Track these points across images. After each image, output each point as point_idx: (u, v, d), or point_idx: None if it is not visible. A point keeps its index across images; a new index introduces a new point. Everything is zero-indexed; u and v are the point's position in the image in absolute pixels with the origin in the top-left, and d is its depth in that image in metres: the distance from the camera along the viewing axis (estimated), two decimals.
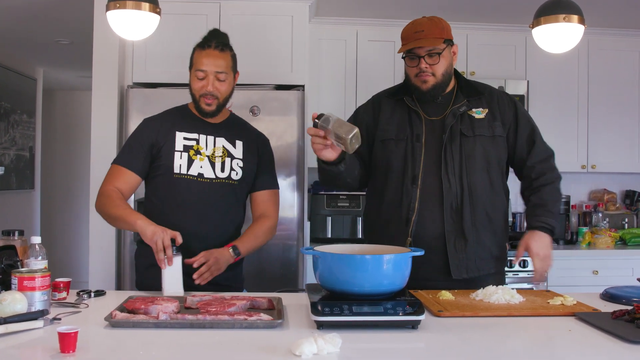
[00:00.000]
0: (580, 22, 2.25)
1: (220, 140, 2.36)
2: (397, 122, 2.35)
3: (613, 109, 4.43)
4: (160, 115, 2.43)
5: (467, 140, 2.27)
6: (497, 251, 2.31)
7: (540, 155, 2.33)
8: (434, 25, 2.26)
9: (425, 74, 2.25)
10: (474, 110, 2.30)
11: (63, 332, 1.37)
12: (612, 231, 4.33)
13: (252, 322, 1.61)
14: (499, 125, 2.30)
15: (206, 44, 2.30)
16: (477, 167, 2.27)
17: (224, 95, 2.33)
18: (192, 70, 2.32)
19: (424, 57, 2.25)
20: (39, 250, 1.91)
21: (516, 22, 4.22)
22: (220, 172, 2.32)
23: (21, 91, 6.08)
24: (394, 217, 2.29)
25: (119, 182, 2.28)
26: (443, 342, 1.58)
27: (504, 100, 2.35)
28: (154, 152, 2.30)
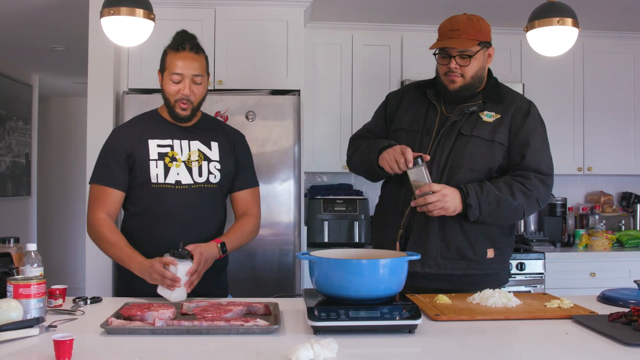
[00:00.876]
0: (574, 25, 2.25)
1: (195, 144, 2.30)
2: (413, 113, 2.32)
3: (608, 111, 4.44)
4: (129, 123, 2.37)
5: (462, 138, 2.22)
6: (471, 254, 2.21)
7: (527, 169, 2.19)
8: (471, 26, 2.18)
9: (454, 74, 2.21)
10: (486, 112, 2.24)
11: (58, 339, 1.36)
12: (609, 233, 4.34)
13: (249, 327, 1.61)
14: (504, 132, 2.22)
15: (180, 46, 2.21)
16: (462, 167, 2.19)
17: (199, 98, 2.27)
18: (164, 74, 2.24)
19: (455, 57, 2.19)
20: (35, 257, 1.90)
21: (511, 25, 4.22)
22: (198, 177, 2.27)
23: (17, 98, 6.07)
24: (391, 208, 2.30)
25: (106, 207, 2.22)
26: (440, 346, 1.58)
27: (522, 110, 2.26)
28: (130, 163, 2.24)
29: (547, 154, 2.25)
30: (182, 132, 2.30)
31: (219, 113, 3.45)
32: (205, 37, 3.64)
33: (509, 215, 2.20)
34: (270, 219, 3.52)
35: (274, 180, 3.52)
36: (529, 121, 2.24)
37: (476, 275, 2.23)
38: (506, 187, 2.15)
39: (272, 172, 3.52)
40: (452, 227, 2.20)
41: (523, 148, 2.20)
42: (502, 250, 2.28)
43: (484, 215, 2.14)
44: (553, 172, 2.25)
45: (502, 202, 2.13)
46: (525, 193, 2.15)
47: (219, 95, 3.54)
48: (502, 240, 2.28)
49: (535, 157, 2.19)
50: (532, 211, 2.24)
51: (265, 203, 3.51)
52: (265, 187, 3.52)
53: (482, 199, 2.11)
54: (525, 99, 2.33)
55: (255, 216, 2.40)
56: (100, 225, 2.18)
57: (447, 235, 2.20)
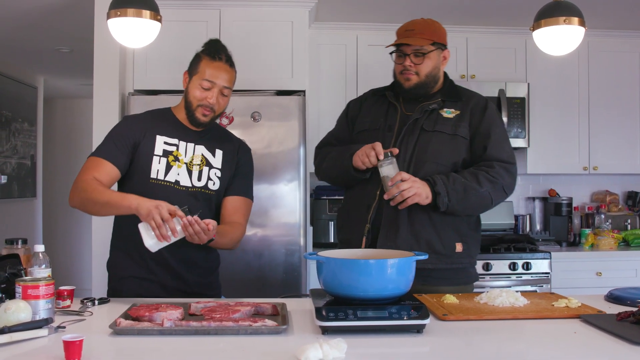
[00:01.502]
0: (580, 24, 2.25)
1: (200, 148, 2.30)
2: (374, 114, 2.41)
3: (614, 110, 4.43)
4: (143, 115, 2.36)
5: (425, 134, 2.29)
6: (440, 248, 2.25)
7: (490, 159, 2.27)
8: (426, 26, 2.30)
9: (409, 72, 2.30)
10: (445, 109, 2.33)
11: (68, 340, 1.36)
12: (614, 232, 4.33)
13: (257, 328, 1.61)
14: (465, 126, 2.30)
15: (217, 55, 2.24)
16: (427, 162, 2.25)
17: (221, 110, 2.29)
18: (194, 77, 2.24)
19: (410, 55, 2.29)
20: (43, 258, 1.90)
21: (516, 24, 4.23)
22: (197, 181, 2.26)
23: (22, 99, 6.08)
24: (359, 204, 2.34)
25: (98, 173, 2.14)
26: (448, 346, 1.58)
27: (480, 105, 2.34)
28: (134, 151, 2.22)
29: (507, 144, 2.33)
30: (190, 134, 2.30)
31: (225, 114, 3.45)
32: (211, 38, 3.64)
33: (478, 203, 2.26)
34: (276, 219, 3.52)
35: (280, 180, 3.53)
36: (488, 115, 2.32)
37: (446, 269, 2.27)
38: (471, 175, 2.22)
39: (278, 173, 3.52)
40: (421, 220, 2.24)
41: (484, 140, 2.28)
42: (470, 245, 2.33)
43: (453, 202, 2.19)
44: (515, 161, 2.32)
45: (468, 189, 2.20)
46: (491, 180, 2.22)
47: None
48: (470, 235, 2.34)
49: (497, 148, 2.28)
50: (500, 199, 2.29)
51: (271, 204, 3.52)
52: (270, 188, 3.53)
53: (449, 186, 2.17)
54: (482, 96, 2.42)
55: (243, 227, 2.34)
56: (90, 180, 2.11)
57: (416, 229, 2.25)
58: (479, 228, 2.41)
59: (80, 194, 2.11)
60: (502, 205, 4.54)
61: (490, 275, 3.86)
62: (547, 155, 4.37)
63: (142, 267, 2.23)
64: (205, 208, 2.27)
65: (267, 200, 3.51)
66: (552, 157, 4.37)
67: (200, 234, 1.99)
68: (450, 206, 2.19)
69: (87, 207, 2.12)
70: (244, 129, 3.49)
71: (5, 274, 1.79)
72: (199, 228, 1.97)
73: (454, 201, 2.18)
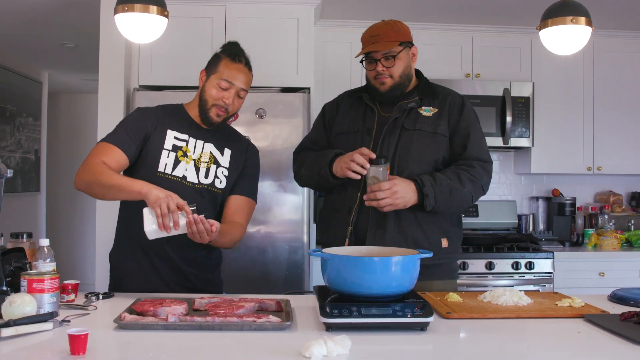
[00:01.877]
0: (587, 23, 2.25)
1: (209, 146, 2.31)
2: (352, 117, 2.42)
3: (619, 110, 4.42)
4: (155, 108, 2.36)
5: (406, 133, 2.31)
6: (426, 244, 2.27)
7: (469, 158, 2.31)
8: (389, 29, 2.31)
9: (382, 76, 2.32)
10: (424, 108, 2.35)
11: (73, 334, 1.37)
12: (618, 233, 4.32)
13: (261, 324, 1.61)
14: (444, 124, 2.33)
15: (237, 57, 2.26)
16: (410, 160, 2.28)
17: (234, 111, 2.31)
18: (212, 76, 2.25)
19: (380, 60, 2.31)
20: (48, 252, 1.91)
21: (521, 24, 4.23)
22: (203, 178, 2.27)
23: (26, 94, 6.09)
24: (340, 206, 2.35)
25: (107, 158, 2.14)
26: (452, 344, 1.58)
27: (456, 102, 2.38)
28: (144, 142, 2.23)
29: (485, 142, 2.38)
30: (201, 132, 2.32)
31: None
32: (216, 34, 3.65)
33: (460, 203, 2.31)
34: (280, 216, 3.53)
35: (284, 177, 3.53)
36: (465, 113, 2.36)
37: (432, 265, 2.27)
38: (454, 175, 2.25)
39: (282, 170, 3.52)
40: (407, 218, 2.27)
41: (464, 139, 2.32)
42: (454, 240, 2.38)
43: (439, 204, 2.22)
44: (491, 160, 2.37)
45: (453, 190, 2.24)
46: (472, 180, 2.26)
47: None
48: (453, 231, 2.38)
49: (476, 147, 2.32)
50: (478, 197, 2.34)
51: (275, 200, 3.52)
52: (275, 185, 3.53)
53: (436, 188, 2.21)
54: (458, 93, 2.44)
55: (244, 228, 2.34)
56: (98, 164, 2.10)
57: (403, 227, 2.27)
58: (460, 224, 2.47)
59: (88, 175, 2.09)
60: (505, 205, 4.55)
61: (493, 275, 3.86)
62: (551, 155, 4.37)
63: (145, 262, 2.24)
64: (210, 206, 2.28)
65: (271, 197, 3.51)
66: (556, 157, 4.37)
67: (202, 234, 2.00)
68: (436, 207, 2.23)
69: (94, 190, 2.09)
70: (249, 126, 3.49)
71: (10, 267, 1.80)
72: (202, 228, 1.98)
73: (440, 202, 2.22)
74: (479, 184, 2.29)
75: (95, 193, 2.11)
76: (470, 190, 2.26)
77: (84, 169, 2.12)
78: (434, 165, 2.31)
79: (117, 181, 2.04)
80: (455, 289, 2.39)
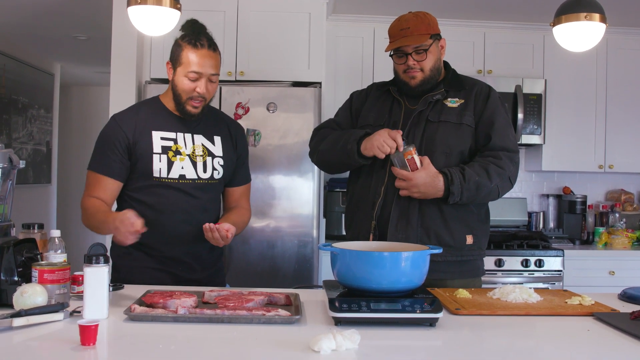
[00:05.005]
0: (601, 20, 2.22)
1: (199, 138, 2.27)
2: (378, 109, 2.39)
3: (631, 108, 4.39)
4: (131, 111, 2.29)
5: (431, 125, 2.28)
6: (450, 240, 2.24)
7: (495, 148, 2.27)
8: (419, 22, 2.27)
9: (413, 70, 2.28)
10: (449, 99, 2.31)
11: (84, 324, 1.38)
12: (629, 232, 4.30)
13: (270, 317, 1.61)
14: (470, 115, 2.29)
15: (198, 42, 2.15)
16: (436, 152, 2.25)
17: (211, 96, 2.24)
18: (178, 69, 2.17)
19: (411, 54, 2.27)
20: (59, 243, 1.92)
21: (534, 20, 4.20)
22: (202, 173, 2.25)
23: (39, 86, 6.13)
24: (363, 200, 2.33)
25: (99, 192, 2.19)
26: (461, 340, 1.58)
27: (483, 93, 2.33)
28: (130, 153, 2.19)
29: (511, 132, 2.33)
30: (186, 125, 2.27)
31: (240, 104, 3.46)
32: (228, 27, 3.65)
33: (485, 197, 2.27)
34: (290, 210, 3.53)
35: (295, 172, 3.53)
36: (490, 102, 2.31)
37: (455, 262, 2.27)
38: (482, 170, 2.21)
39: (293, 164, 3.52)
40: (432, 213, 2.24)
41: (488, 128, 2.27)
42: (480, 237, 2.33)
43: (462, 200, 2.20)
44: (518, 149, 2.32)
45: (480, 186, 2.20)
46: (500, 173, 2.22)
47: (240, 86, 3.55)
48: (479, 227, 2.34)
49: (501, 136, 2.27)
50: (506, 190, 2.30)
51: (286, 194, 3.53)
52: (285, 179, 3.53)
53: (464, 186, 2.17)
54: (485, 83, 2.40)
55: (249, 210, 2.45)
56: (89, 204, 2.18)
57: (426, 222, 2.25)
58: (488, 219, 2.41)
59: (83, 215, 2.22)
60: (515, 202, 4.53)
61: (502, 272, 3.85)
62: (562, 152, 4.35)
63: (152, 258, 2.25)
64: (213, 199, 2.31)
65: (281, 192, 3.52)
66: (567, 155, 4.35)
67: (218, 240, 2.09)
68: (460, 202, 2.21)
69: (94, 231, 2.20)
70: (259, 120, 3.49)
71: (22, 257, 1.81)
72: (217, 235, 2.07)
73: (464, 199, 2.20)
74: (506, 176, 2.25)
75: (93, 231, 2.21)
76: (497, 184, 2.23)
77: (82, 211, 2.23)
78: (460, 156, 2.27)
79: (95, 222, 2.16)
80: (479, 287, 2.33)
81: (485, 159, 2.24)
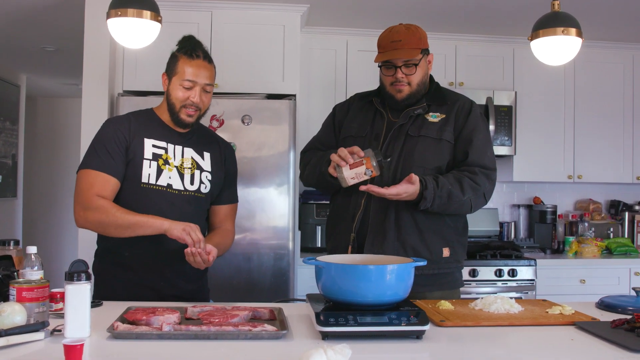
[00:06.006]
0: (578, 35, 2.28)
1: (189, 151, 2.28)
2: (361, 120, 2.37)
3: (599, 120, 4.50)
4: (126, 117, 2.28)
5: (410, 139, 2.28)
6: (426, 254, 2.24)
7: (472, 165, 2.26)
8: (411, 35, 2.26)
9: (401, 83, 2.27)
10: (431, 114, 2.31)
11: (68, 344, 1.34)
12: (598, 240, 4.38)
13: (257, 332, 1.60)
14: (450, 130, 2.29)
15: (194, 53, 2.20)
16: (413, 167, 2.23)
17: (206, 107, 2.26)
18: (174, 78, 2.21)
19: (401, 68, 2.26)
20: (35, 260, 1.87)
21: (505, 33, 4.27)
22: (189, 185, 2.25)
23: (4, 98, 6.00)
24: (344, 213, 2.32)
25: (102, 190, 2.11)
26: (447, 352, 1.58)
27: (464, 109, 2.33)
28: (126, 155, 2.18)
29: (490, 149, 2.33)
30: (178, 137, 2.28)
31: (215, 116, 3.43)
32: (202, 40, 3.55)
33: (457, 209, 2.26)
34: (266, 223, 3.51)
35: (270, 184, 3.51)
36: (471, 119, 2.31)
37: (432, 275, 2.27)
38: (456, 182, 2.20)
39: (268, 177, 3.51)
40: (407, 226, 2.24)
41: (466, 145, 2.27)
42: (457, 249, 2.34)
43: (433, 207, 2.19)
44: (496, 167, 2.32)
45: (452, 196, 2.19)
46: (474, 188, 2.22)
47: (215, 98, 3.48)
48: (456, 240, 2.34)
49: (479, 154, 2.27)
50: (479, 205, 2.30)
51: (261, 207, 3.50)
52: (260, 192, 3.51)
53: (437, 193, 2.16)
54: (467, 98, 2.40)
55: (233, 232, 2.43)
56: (103, 202, 2.09)
57: (402, 236, 2.24)
58: (465, 232, 2.41)
59: (95, 215, 2.10)
60: (487, 212, 4.58)
61: (477, 282, 3.88)
62: (532, 163, 4.42)
63: (132, 273, 2.21)
64: (198, 213, 2.29)
65: (256, 204, 3.49)
66: (537, 165, 4.42)
67: (200, 264, 2.08)
68: (430, 209, 2.20)
69: (108, 230, 2.12)
70: (234, 132, 3.47)
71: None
72: (200, 259, 2.07)
73: (435, 207, 2.19)
74: (481, 191, 2.25)
75: (109, 232, 2.12)
76: (470, 198, 2.22)
77: (86, 207, 2.11)
78: (437, 171, 2.27)
79: (134, 220, 2.08)
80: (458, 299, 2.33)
81: (461, 173, 2.25)
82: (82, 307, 1.61)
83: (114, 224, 2.08)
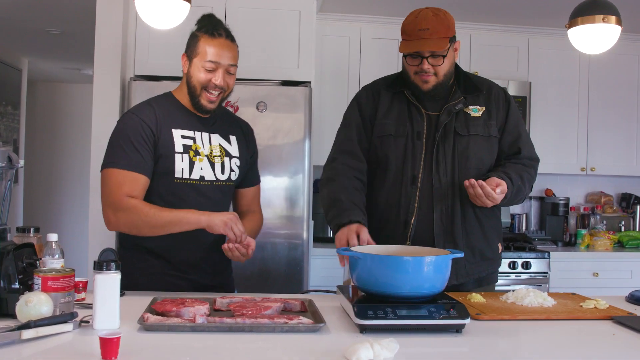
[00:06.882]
0: (617, 23, 2.21)
1: (216, 137, 2.17)
2: (396, 116, 2.20)
3: (613, 112, 4.46)
4: (149, 106, 2.13)
5: (461, 139, 2.16)
6: (490, 253, 2.22)
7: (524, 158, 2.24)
8: (439, 23, 2.09)
9: (427, 74, 2.12)
10: (471, 107, 2.19)
11: (105, 337, 1.28)
12: (610, 233, 4.35)
13: (294, 325, 1.54)
14: (494, 125, 2.20)
15: (216, 32, 2.06)
16: (470, 168, 2.15)
17: (230, 89, 2.14)
18: (195, 59, 2.07)
19: (428, 58, 2.10)
20: (56, 248, 1.82)
21: (520, 23, 4.22)
22: (220, 174, 2.16)
23: (6, 82, 5.90)
24: (392, 219, 2.17)
25: (133, 190, 2.01)
26: (489, 345, 1.53)
27: (500, 99, 2.24)
28: (154, 150, 2.06)
29: (530, 139, 2.31)
30: (203, 123, 2.17)
31: (229, 103, 3.36)
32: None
33: (515, 202, 2.26)
34: (280, 212, 3.45)
35: (285, 173, 3.45)
36: (512, 111, 2.26)
37: (493, 272, 2.26)
38: (519, 176, 2.14)
39: (283, 165, 3.45)
40: (474, 230, 2.18)
41: (516, 139, 2.23)
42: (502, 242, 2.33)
43: (503, 204, 2.16)
44: None
45: (520, 192, 2.16)
46: (530, 181, 2.21)
47: None
48: (502, 232, 2.34)
49: (529, 147, 2.26)
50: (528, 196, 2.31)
51: (276, 196, 3.45)
52: (275, 180, 3.45)
53: (511, 190, 2.10)
54: (496, 85, 2.31)
55: (261, 214, 2.39)
56: (135, 203, 2.00)
57: (471, 241, 2.18)
58: None
59: (128, 217, 2.01)
60: None
61: None
62: (545, 155, 4.32)
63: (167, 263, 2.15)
64: (228, 201, 2.25)
65: (271, 193, 3.43)
66: (550, 157, 4.37)
67: (239, 257, 2.05)
68: (499, 205, 2.16)
69: (142, 230, 2.03)
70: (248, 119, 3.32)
71: (22, 264, 1.69)
72: (238, 254, 2.03)
73: (504, 202, 2.15)
74: (532, 184, 2.24)
75: (144, 233, 2.04)
76: (527, 192, 2.21)
77: (116, 209, 2.01)
78: (489, 169, 2.21)
79: (169, 218, 2.00)
80: None
81: (520, 166, 2.19)
82: (112, 298, 1.55)
83: (148, 224, 2.00)
